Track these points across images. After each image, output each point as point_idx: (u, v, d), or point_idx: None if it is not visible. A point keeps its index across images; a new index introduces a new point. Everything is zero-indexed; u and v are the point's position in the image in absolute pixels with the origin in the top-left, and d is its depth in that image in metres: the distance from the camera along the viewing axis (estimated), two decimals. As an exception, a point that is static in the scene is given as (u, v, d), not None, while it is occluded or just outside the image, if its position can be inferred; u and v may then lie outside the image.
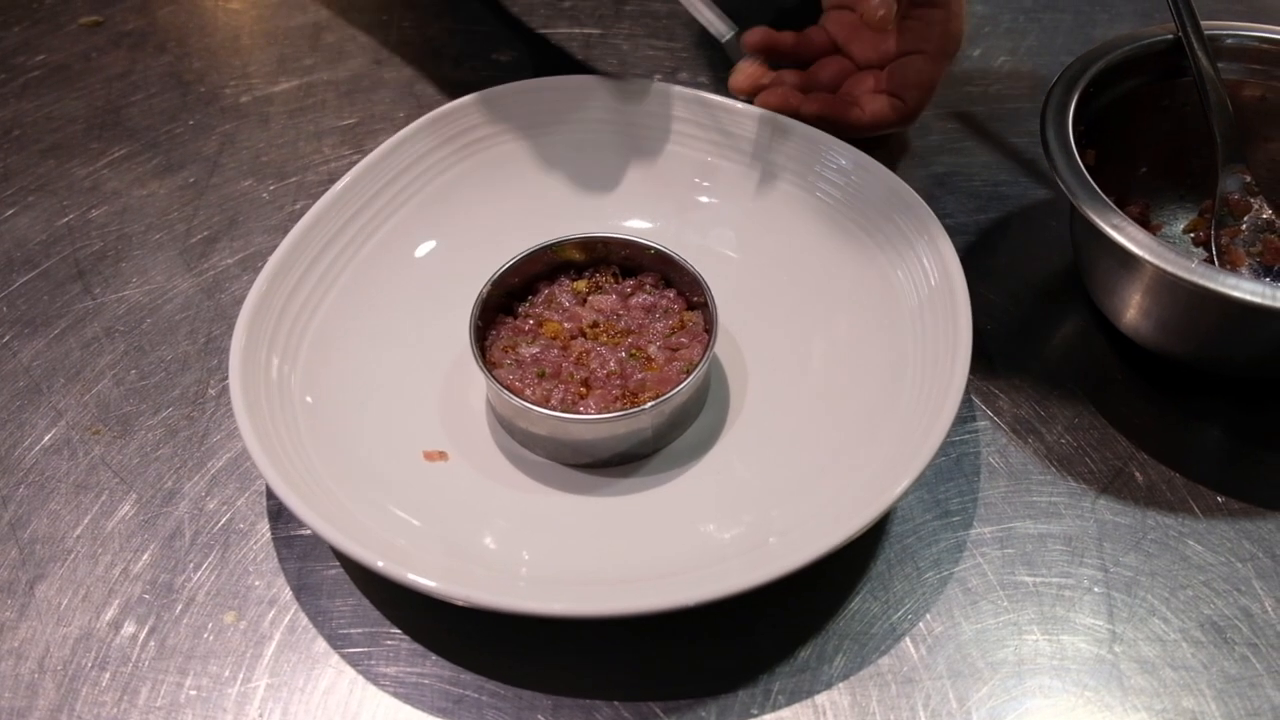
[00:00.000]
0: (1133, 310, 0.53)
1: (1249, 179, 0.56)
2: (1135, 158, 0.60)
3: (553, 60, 0.73)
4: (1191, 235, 0.60)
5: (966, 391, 0.48)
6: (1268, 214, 0.56)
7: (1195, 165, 0.60)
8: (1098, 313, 0.57)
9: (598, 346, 0.53)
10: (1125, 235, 0.49)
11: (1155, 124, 0.59)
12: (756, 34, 0.62)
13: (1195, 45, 0.56)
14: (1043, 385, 0.56)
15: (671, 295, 0.55)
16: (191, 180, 0.66)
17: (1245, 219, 0.57)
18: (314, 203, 0.55)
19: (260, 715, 0.45)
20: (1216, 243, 0.56)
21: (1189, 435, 0.54)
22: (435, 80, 0.72)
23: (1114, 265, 0.53)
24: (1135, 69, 0.58)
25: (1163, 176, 0.60)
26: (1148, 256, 0.48)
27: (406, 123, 0.60)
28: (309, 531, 0.50)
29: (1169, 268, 0.48)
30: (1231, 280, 0.47)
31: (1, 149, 0.68)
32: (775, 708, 0.45)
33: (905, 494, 0.46)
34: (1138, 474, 0.52)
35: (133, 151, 0.68)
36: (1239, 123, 0.57)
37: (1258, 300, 0.46)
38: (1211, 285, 0.47)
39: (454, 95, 0.61)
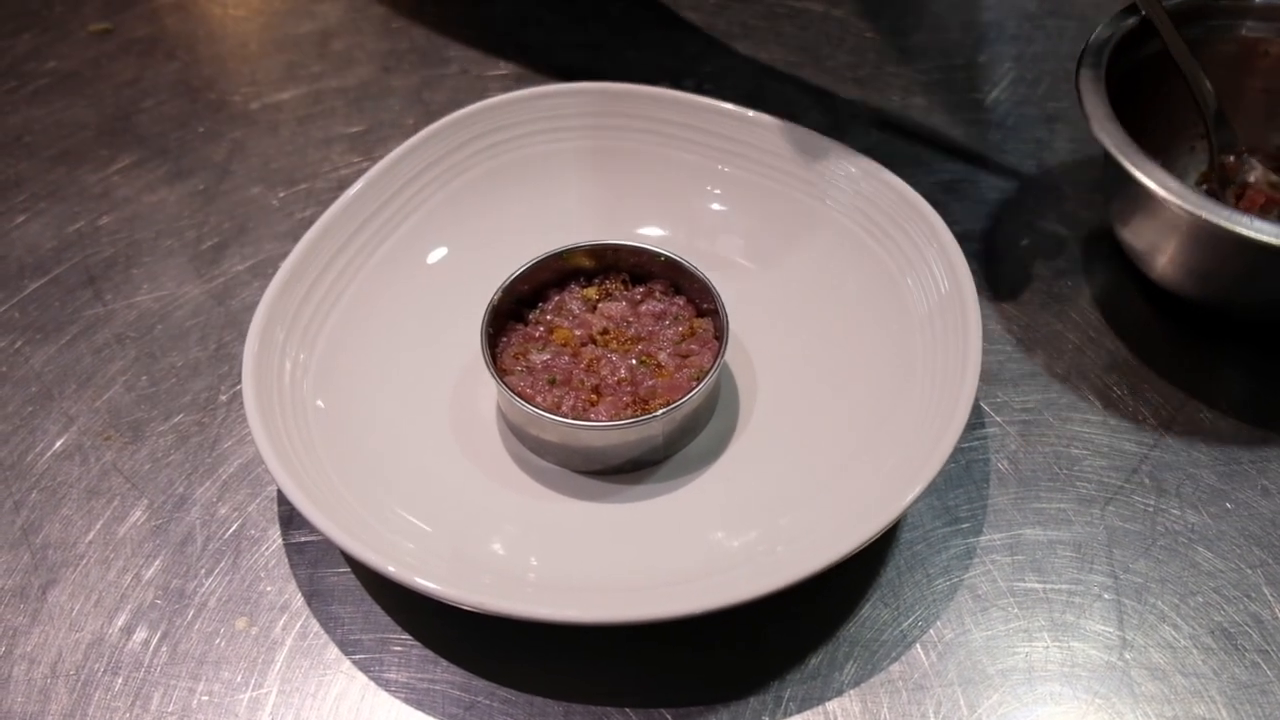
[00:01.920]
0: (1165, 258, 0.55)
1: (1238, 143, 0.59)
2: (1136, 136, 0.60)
3: (560, 67, 0.73)
4: None
5: (976, 398, 0.48)
6: (1259, 171, 0.58)
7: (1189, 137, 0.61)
8: (1105, 319, 0.57)
9: (608, 353, 0.53)
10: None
11: (1148, 102, 0.59)
12: None
13: (1159, 22, 0.57)
14: (1051, 392, 0.56)
15: (681, 302, 0.55)
16: (201, 187, 0.66)
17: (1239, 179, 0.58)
18: (324, 210, 0.55)
19: (272, 721, 0.45)
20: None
21: (1197, 442, 0.54)
22: (444, 87, 0.72)
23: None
24: (1128, 47, 0.58)
25: (1161, 154, 0.61)
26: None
27: (415, 130, 0.60)
28: (320, 537, 0.50)
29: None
30: None
31: (12, 156, 0.68)
32: (786, 714, 0.46)
33: (916, 501, 0.46)
34: (1146, 480, 0.53)
35: (143, 158, 0.68)
36: (1269, 85, 0.59)
37: None
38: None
39: (463, 102, 0.61)
